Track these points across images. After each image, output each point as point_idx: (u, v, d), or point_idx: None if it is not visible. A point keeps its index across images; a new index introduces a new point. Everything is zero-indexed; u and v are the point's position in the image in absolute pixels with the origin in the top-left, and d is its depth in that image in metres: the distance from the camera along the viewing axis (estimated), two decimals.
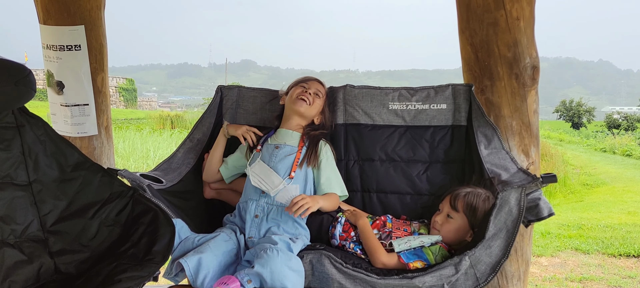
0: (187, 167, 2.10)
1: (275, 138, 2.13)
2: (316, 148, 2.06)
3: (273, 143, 2.10)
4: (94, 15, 2.66)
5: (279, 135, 2.13)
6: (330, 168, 2.06)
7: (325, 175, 2.03)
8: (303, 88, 2.12)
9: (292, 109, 2.11)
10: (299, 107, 2.08)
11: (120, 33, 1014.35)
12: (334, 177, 2.06)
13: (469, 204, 1.81)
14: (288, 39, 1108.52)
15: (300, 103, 2.08)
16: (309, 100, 2.09)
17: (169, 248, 1.57)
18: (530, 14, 2.08)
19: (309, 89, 2.12)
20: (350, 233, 1.92)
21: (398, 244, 1.78)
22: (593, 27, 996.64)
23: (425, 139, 2.19)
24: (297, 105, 2.08)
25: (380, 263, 1.76)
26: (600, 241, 4.81)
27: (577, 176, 12.23)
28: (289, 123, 2.14)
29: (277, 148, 2.06)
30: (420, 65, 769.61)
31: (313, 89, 2.13)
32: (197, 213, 2.08)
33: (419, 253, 1.76)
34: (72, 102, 2.67)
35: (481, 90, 2.16)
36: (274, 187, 1.96)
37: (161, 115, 20.60)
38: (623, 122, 31.89)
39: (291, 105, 2.11)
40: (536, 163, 2.18)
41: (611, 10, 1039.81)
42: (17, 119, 1.71)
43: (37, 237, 1.67)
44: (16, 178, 1.68)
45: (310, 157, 2.03)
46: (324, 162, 2.05)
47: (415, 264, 1.71)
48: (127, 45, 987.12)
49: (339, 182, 2.07)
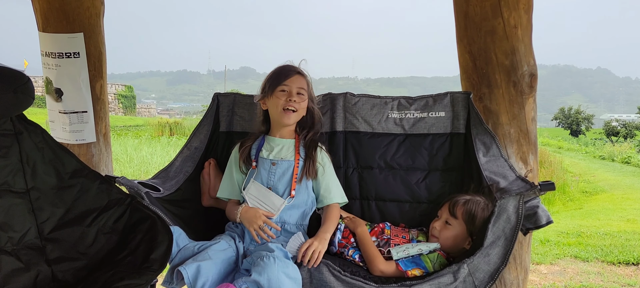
0: (184, 176, 2.09)
1: (268, 148, 2.03)
2: (314, 158, 2.00)
3: (268, 157, 2.00)
4: (93, 22, 2.67)
5: (271, 145, 2.03)
6: (328, 176, 2.03)
7: (324, 185, 2.01)
8: (284, 93, 1.95)
9: (280, 121, 2.00)
10: (288, 120, 1.97)
11: (119, 40, 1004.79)
12: (332, 184, 2.03)
13: (468, 211, 1.81)
14: (287, 46, 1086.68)
15: (288, 115, 1.95)
16: (295, 106, 1.95)
17: (166, 256, 1.56)
18: (527, 22, 2.08)
19: (292, 93, 1.95)
20: (350, 240, 1.92)
21: (396, 252, 1.78)
22: (591, 35, 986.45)
23: (424, 146, 2.19)
24: (285, 119, 1.96)
25: (379, 271, 1.76)
26: (599, 249, 4.81)
27: (576, 183, 12.23)
28: (279, 131, 2.05)
29: (274, 165, 1.99)
30: (419, 73, 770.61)
31: (295, 89, 1.96)
32: (195, 221, 2.08)
33: (417, 260, 1.76)
34: (70, 109, 2.66)
35: (479, 97, 2.16)
36: (276, 208, 1.92)
37: (160, 122, 20.58)
38: (622, 129, 31.94)
39: (277, 117, 1.99)
40: (534, 171, 2.18)
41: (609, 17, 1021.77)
42: (15, 126, 1.71)
43: (34, 244, 1.67)
44: (14, 185, 1.67)
45: (308, 169, 1.98)
46: (320, 170, 2.01)
47: (414, 272, 1.71)
48: (126, 53, 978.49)
49: (338, 189, 2.05)
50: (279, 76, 1.97)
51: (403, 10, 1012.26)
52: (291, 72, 1.98)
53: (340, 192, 2.06)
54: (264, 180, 1.98)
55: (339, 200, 2.04)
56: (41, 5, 2.60)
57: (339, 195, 2.04)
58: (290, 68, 2.00)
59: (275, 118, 2.02)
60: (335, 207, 2.01)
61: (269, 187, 1.97)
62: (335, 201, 2.02)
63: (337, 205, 2.02)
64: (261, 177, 1.99)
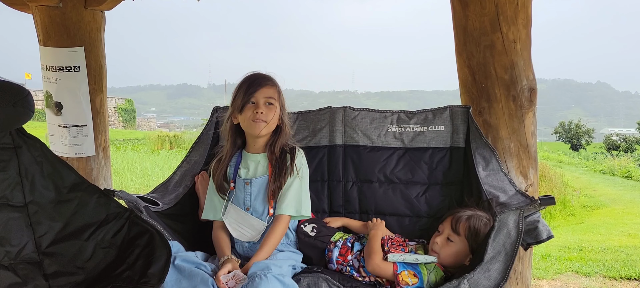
0: (184, 189, 2.09)
1: (245, 166, 1.94)
2: (282, 168, 1.87)
3: (243, 176, 1.92)
4: (94, 36, 2.68)
5: (248, 162, 1.95)
6: (291, 184, 1.87)
7: (281, 194, 1.86)
8: (252, 104, 1.85)
9: (251, 133, 1.91)
10: (256, 131, 1.86)
11: (120, 54, 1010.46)
12: (290, 193, 1.86)
13: (471, 228, 1.78)
14: (287, 60, 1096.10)
15: (256, 126, 1.85)
16: (264, 118, 1.85)
17: (164, 271, 1.55)
18: (526, 36, 2.09)
19: (259, 104, 1.84)
20: (347, 257, 1.90)
21: (392, 256, 1.77)
22: (591, 49, 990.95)
23: (424, 160, 2.18)
24: (253, 130, 1.87)
25: (374, 265, 1.76)
26: (601, 264, 4.78)
27: (577, 198, 12.19)
28: (253, 146, 1.95)
29: (247, 185, 1.90)
30: (419, 87, 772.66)
31: (262, 100, 1.85)
32: (194, 236, 2.07)
33: (413, 266, 1.75)
34: (70, 122, 2.67)
35: (479, 111, 2.16)
36: (257, 232, 1.86)
37: (160, 136, 20.58)
38: (622, 143, 31.94)
39: (247, 129, 1.90)
40: (535, 185, 2.17)
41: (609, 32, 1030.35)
42: (14, 139, 1.71)
43: (32, 259, 1.66)
44: (12, 199, 1.67)
45: (277, 181, 1.86)
46: (289, 180, 1.88)
47: (406, 279, 1.70)
48: (127, 66, 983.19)
49: (294, 201, 1.86)
50: (247, 87, 1.86)
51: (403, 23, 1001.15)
52: (258, 81, 1.87)
53: (297, 205, 1.87)
54: (241, 202, 1.91)
55: (291, 212, 1.85)
56: (42, 20, 2.61)
57: (292, 207, 1.85)
58: (257, 77, 1.89)
59: (246, 131, 1.93)
60: (281, 220, 1.85)
61: (247, 207, 1.90)
62: (286, 213, 1.84)
63: (285, 218, 1.85)
64: (238, 198, 1.91)
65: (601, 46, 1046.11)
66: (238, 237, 1.88)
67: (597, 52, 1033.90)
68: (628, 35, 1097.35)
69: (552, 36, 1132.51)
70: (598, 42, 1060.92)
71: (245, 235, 1.87)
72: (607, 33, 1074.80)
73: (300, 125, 2.28)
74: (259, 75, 1.91)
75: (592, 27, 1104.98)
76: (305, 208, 1.90)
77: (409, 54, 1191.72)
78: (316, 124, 2.27)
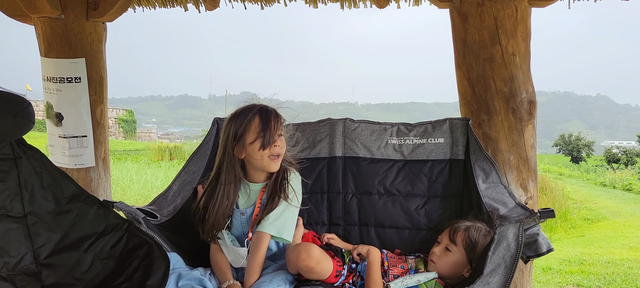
0: (182, 200, 2.08)
1: (245, 195, 1.93)
2: (276, 193, 1.84)
3: (242, 207, 1.92)
4: (95, 48, 2.70)
5: (245, 191, 1.93)
6: (280, 205, 1.84)
7: (266, 214, 1.83)
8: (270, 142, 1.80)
9: (267, 169, 1.87)
10: (275, 168, 1.85)
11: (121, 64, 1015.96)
12: (275, 214, 1.82)
13: (468, 239, 1.79)
14: (288, 71, 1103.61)
15: (275, 164, 1.84)
16: (280, 151, 1.85)
17: (163, 283, 1.54)
18: (525, 49, 2.10)
19: (276, 140, 1.82)
20: (349, 279, 1.89)
21: (394, 285, 1.76)
22: (590, 62, 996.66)
23: (424, 173, 2.18)
24: (272, 167, 1.85)
25: None
26: (601, 277, 4.76)
27: (578, 210, 12.16)
28: (256, 176, 1.92)
29: (243, 215, 1.90)
30: (419, 99, 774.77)
31: (277, 134, 1.84)
32: (192, 247, 2.06)
33: None
34: (70, 133, 2.67)
35: (478, 124, 2.17)
36: (242, 259, 1.84)
37: (160, 147, 20.60)
38: (622, 156, 31.90)
39: (262, 167, 1.85)
40: (534, 198, 2.17)
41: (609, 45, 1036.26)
42: (14, 150, 1.70)
43: (30, 270, 1.65)
44: (11, 210, 1.66)
45: (270, 207, 1.83)
46: (283, 204, 1.85)
47: None
48: (127, 77, 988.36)
49: (277, 222, 1.81)
50: (265, 129, 1.80)
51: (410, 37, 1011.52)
52: (271, 116, 1.83)
53: (279, 228, 1.81)
54: (237, 231, 1.92)
55: (272, 232, 1.80)
56: (44, 31, 2.63)
57: (274, 228, 1.80)
58: (266, 109, 1.84)
59: (259, 167, 1.87)
60: (260, 238, 1.80)
61: (244, 233, 1.90)
62: (266, 231, 1.80)
63: (264, 236, 1.80)
64: (235, 227, 1.92)
65: (601, 59, 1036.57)
66: (236, 265, 1.87)
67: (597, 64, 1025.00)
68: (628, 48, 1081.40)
69: (552, 49, 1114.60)
70: (598, 55, 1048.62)
71: (235, 262, 1.86)
72: (607, 46, 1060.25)
73: (300, 137, 2.29)
74: (271, 112, 1.84)
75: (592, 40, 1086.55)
76: (287, 232, 1.83)
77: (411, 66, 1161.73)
78: (316, 136, 2.28)
